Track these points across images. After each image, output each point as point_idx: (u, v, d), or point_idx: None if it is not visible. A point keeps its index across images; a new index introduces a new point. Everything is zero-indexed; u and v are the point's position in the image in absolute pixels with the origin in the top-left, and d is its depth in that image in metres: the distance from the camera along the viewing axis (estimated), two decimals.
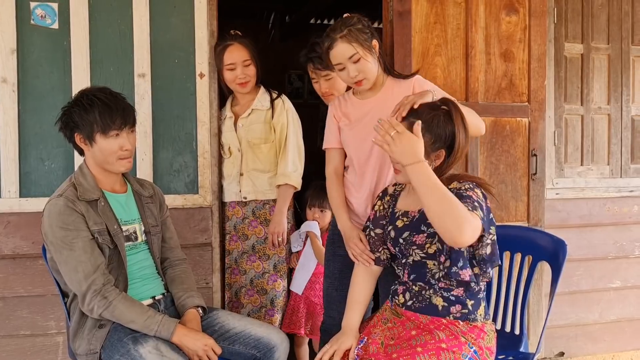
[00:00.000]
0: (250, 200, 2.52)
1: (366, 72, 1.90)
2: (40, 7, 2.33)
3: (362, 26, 1.89)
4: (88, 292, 1.67)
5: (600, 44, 3.08)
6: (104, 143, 1.76)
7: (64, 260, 1.69)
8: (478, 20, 2.64)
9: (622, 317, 3.17)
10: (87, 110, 1.74)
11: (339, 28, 1.88)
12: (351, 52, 1.86)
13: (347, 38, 1.86)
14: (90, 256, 1.69)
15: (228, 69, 2.44)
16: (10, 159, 2.32)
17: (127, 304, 1.70)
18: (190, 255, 2.35)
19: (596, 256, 3.10)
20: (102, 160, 1.79)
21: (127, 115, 1.79)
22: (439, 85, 2.58)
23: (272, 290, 2.53)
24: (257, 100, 2.53)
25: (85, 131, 1.76)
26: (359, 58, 1.87)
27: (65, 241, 1.68)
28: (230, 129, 2.52)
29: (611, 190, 3.10)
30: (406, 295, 1.73)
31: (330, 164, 2.08)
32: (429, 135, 1.63)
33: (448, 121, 1.66)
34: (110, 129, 1.75)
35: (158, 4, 2.43)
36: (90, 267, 1.68)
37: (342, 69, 1.91)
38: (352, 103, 2.03)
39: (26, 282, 2.36)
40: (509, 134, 2.71)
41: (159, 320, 1.70)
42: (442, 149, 1.66)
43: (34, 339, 2.39)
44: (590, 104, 3.08)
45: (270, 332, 1.87)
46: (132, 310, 1.69)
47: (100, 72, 2.38)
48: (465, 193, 1.58)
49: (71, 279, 1.69)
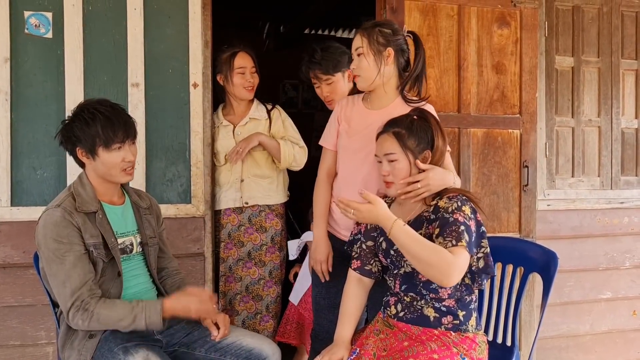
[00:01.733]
0: (247, 207, 2.54)
1: (361, 70, 1.91)
2: (34, 16, 2.33)
3: (388, 32, 1.91)
4: (72, 308, 1.65)
5: (590, 57, 3.12)
6: (107, 156, 1.75)
7: (53, 274, 1.68)
8: (470, 33, 2.68)
9: (613, 328, 3.19)
10: (89, 124, 1.73)
11: (369, 23, 1.94)
12: (357, 45, 1.92)
13: (364, 32, 1.91)
14: (80, 271, 1.67)
15: (239, 73, 2.51)
16: (2, 167, 2.31)
17: (107, 306, 1.68)
18: (183, 265, 2.35)
19: (587, 267, 3.12)
20: (104, 172, 1.78)
21: (129, 128, 1.79)
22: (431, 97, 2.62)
23: (268, 296, 2.55)
24: (253, 109, 2.59)
25: (87, 145, 1.75)
26: (360, 52, 1.91)
27: (56, 254, 1.67)
28: (227, 136, 2.55)
29: (602, 202, 3.13)
30: (398, 307, 1.73)
31: (324, 163, 2.08)
32: (413, 139, 1.72)
33: (425, 124, 1.74)
34: (113, 143, 1.74)
35: (152, 14, 2.44)
36: (77, 283, 1.66)
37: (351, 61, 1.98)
38: (357, 110, 2.03)
39: (16, 291, 2.34)
40: (501, 145, 2.73)
41: (142, 306, 1.69)
42: (427, 149, 1.73)
43: (24, 349, 2.36)
44: (581, 116, 3.11)
45: (262, 342, 1.87)
46: (115, 310, 1.68)
47: (94, 81, 2.38)
48: (452, 217, 1.60)
49: (58, 293, 1.68)
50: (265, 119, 2.59)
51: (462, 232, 1.57)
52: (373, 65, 1.91)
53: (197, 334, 1.86)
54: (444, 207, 1.64)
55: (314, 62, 2.42)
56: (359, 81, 1.96)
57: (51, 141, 2.35)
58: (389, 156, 1.72)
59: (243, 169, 2.54)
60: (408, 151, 1.71)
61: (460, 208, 1.62)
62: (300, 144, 2.59)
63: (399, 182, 1.72)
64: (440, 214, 1.63)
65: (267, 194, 2.57)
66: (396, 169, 1.72)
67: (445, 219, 1.61)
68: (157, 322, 1.70)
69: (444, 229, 1.59)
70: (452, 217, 1.60)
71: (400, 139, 1.71)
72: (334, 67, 2.42)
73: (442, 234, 1.59)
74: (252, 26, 5.55)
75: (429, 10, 2.63)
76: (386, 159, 1.73)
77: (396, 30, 1.93)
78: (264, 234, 2.56)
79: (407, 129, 1.72)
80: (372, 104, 2.00)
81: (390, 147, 1.72)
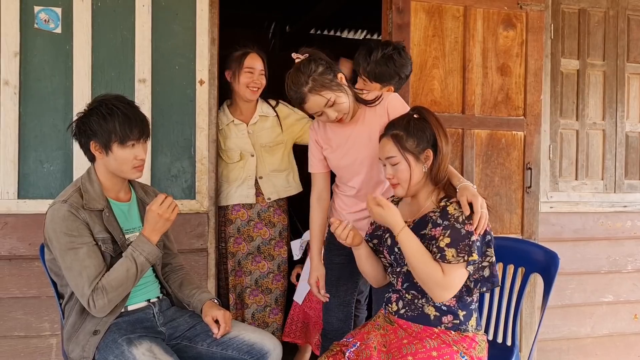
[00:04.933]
0: (256, 203, 2.60)
1: (344, 109, 1.91)
2: (44, 11, 2.36)
3: (322, 68, 1.86)
4: (92, 294, 1.68)
5: (596, 60, 3.12)
6: (121, 153, 1.77)
7: (68, 265, 1.70)
8: (476, 34, 2.68)
9: (614, 331, 3.19)
10: (107, 119, 1.75)
11: (302, 81, 1.84)
12: (324, 101, 1.86)
13: (315, 89, 1.84)
14: (94, 261, 1.71)
15: (247, 72, 2.54)
16: (9, 160, 2.33)
17: (109, 273, 1.72)
18: (186, 261, 2.36)
19: (589, 270, 3.12)
20: (115, 168, 1.80)
21: (145, 127, 1.81)
22: (436, 97, 2.63)
23: (276, 289, 2.62)
24: (259, 108, 2.65)
25: (102, 140, 1.76)
26: (333, 102, 1.87)
27: (69, 246, 1.69)
28: (241, 135, 2.60)
29: (605, 205, 3.13)
30: (399, 304, 1.74)
31: (315, 188, 2.12)
32: (412, 139, 1.71)
33: (423, 122, 1.74)
34: (128, 140, 1.76)
35: (160, 11, 2.46)
36: (94, 271, 1.69)
37: (321, 114, 1.92)
38: (331, 129, 2.04)
39: (21, 283, 2.36)
40: (505, 147, 2.74)
41: (130, 250, 1.74)
42: (428, 148, 1.72)
43: (28, 341, 2.39)
44: (586, 119, 3.11)
45: (264, 337, 1.88)
46: (115, 270, 1.72)
47: (101, 76, 2.40)
48: (464, 230, 1.62)
49: (76, 283, 1.70)
50: (273, 115, 2.65)
51: (473, 245, 1.60)
52: (346, 97, 1.90)
53: (200, 328, 1.87)
54: (453, 214, 1.64)
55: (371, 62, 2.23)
56: (345, 118, 1.94)
57: (58, 135, 2.38)
58: (390, 159, 1.73)
59: (259, 167, 2.59)
60: (407, 153, 1.71)
61: (470, 217, 1.63)
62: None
63: (404, 182, 1.73)
64: (451, 222, 1.63)
65: (288, 185, 2.65)
66: (399, 171, 1.73)
67: (457, 231, 1.62)
68: (152, 250, 1.75)
69: (457, 242, 1.61)
70: (464, 230, 1.61)
71: (399, 141, 1.72)
72: (379, 78, 2.24)
73: (456, 247, 1.61)
74: (258, 26, 5.58)
75: (435, 11, 2.64)
76: (388, 162, 1.74)
77: (317, 60, 1.88)
78: (272, 228, 2.63)
79: (404, 130, 1.72)
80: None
81: (390, 151, 1.73)
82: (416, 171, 1.72)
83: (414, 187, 1.74)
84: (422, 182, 1.74)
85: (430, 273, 1.61)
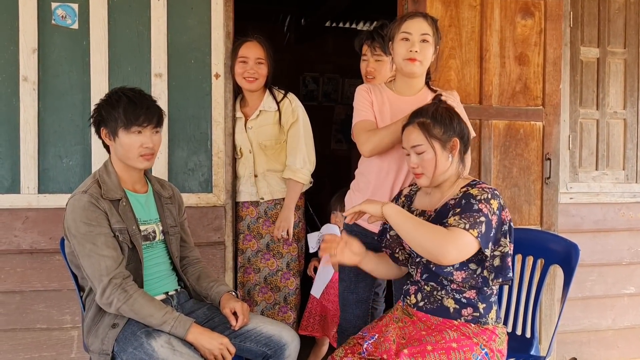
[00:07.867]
0: (263, 201, 2.55)
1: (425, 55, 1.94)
2: (61, 7, 2.38)
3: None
4: (109, 285, 1.69)
5: (616, 48, 3.06)
6: (126, 138, 1.79)
7: (86, 254, 1.72)
8: (493, 24, 2.64)
9: (635, 323, 3.14)
10: (114, 105, 1.79)
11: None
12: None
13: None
14: (112, 251, 1.72)
15: (240, 62, 2.47)
16: (29, 155, 2.36)
17: (146, 298, 1.73)
18: (203, 254, 2.38)
19: (610, 262, 3.07)
20: (123, 155, 1.82)
21: (151, 114, 1.81)
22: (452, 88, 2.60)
23: (285, 287, 2.56)
24: (264, 102, 2.56)
25: (110, 126, 1.80)
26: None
27: (88, 236, 1.71)
28: (240, 130, 2.55)
29: (626, 196, 3.08)
30: (418, 296, 1.73)
31: (368, 125, 1.99)
32: (439, 127, 1.69)
33: (449, 111, 1.73)
34: (132, 125, 1.78)
35: (175, 5, 2.47)
36: (112, 262, 1.71)
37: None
38: (388, 98, 2.01)
39: (43, 276, 2.40)
40: (523, 137, 2.70)
41: (175, 316, 1.72)
42: (454, 137, 1.70)
43: (50, 333, 2.43)
44: (606, 109, 3.06)
45: (282, 330, 1.89)
46: (151, 305, 1.72)
47: (118, 71, 2.42)
48: (477, 205, 1.59)
49: (93, 272, 1.72)
50: (275, 110, 2.55)
51: (480, 223, 1.56)
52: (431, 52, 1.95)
53: (218, 320, 1.89)
54: (473, 193, 1.63)
55: (380, 34, 2.35)
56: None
57: (77, 130, 2.40)
58: (416, 148, 1.70)
59: (256, 165, 2.54)
60: (435, 140, 1.69)
61: (489, 200, 1.60)
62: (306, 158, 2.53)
63: (429, 172, 1.71)
64: (468, 199, 1.61)
65: (284, 186, 2.55)
66: (424, 160, 1.70)
67: (469, 205, 1.59)
68: (179, 332, 1.72)
69: (464, 212, 1.58)
70: (477, 206, 1.59)
71: (426, 129, 1.69)
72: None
73: (460, 214, 1.58)
74: (274, 19, 5.57)
75: (451, 1, 2.60)
76: (414, 151, 1.72)
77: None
78: None
79: (432, 117, 1.70)
80: (401, 90, 2.01)
81: (416, 139, 1.70)
82: (442, 160, 1.69)
83: (439, 176, 1.71)
84: (446, 172, 1.72)
85: (433, 228, 1.58)
